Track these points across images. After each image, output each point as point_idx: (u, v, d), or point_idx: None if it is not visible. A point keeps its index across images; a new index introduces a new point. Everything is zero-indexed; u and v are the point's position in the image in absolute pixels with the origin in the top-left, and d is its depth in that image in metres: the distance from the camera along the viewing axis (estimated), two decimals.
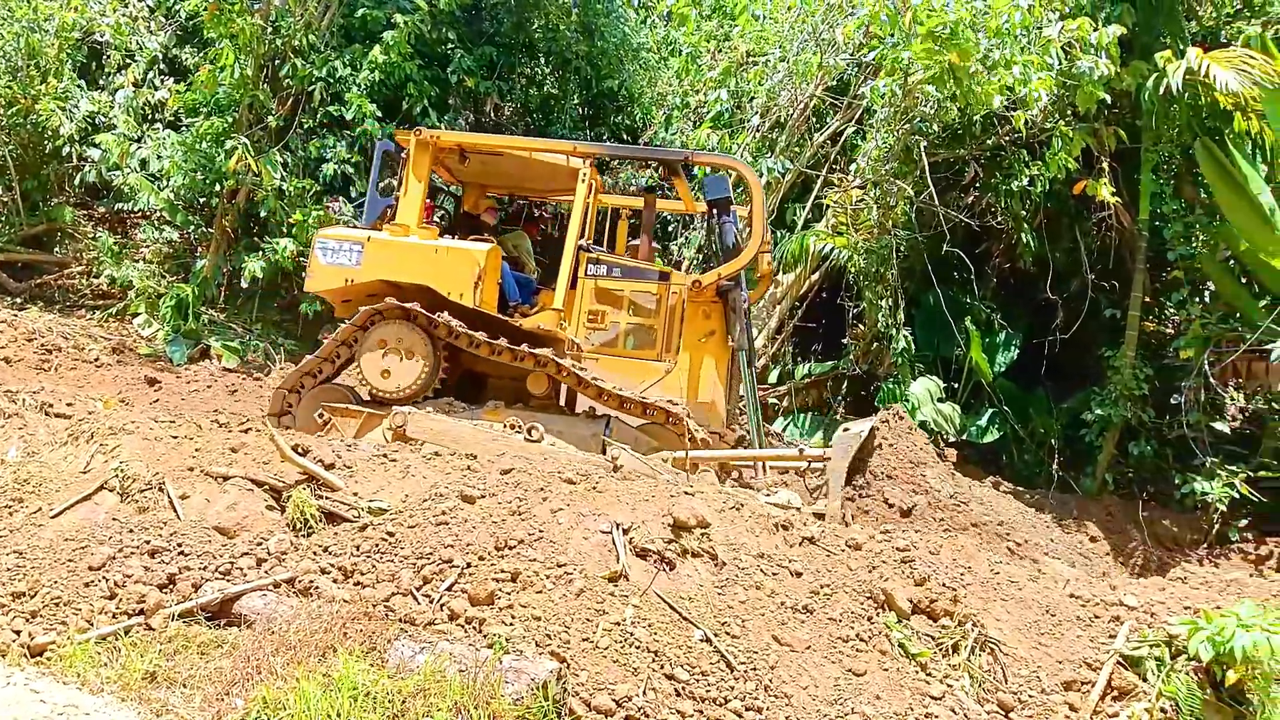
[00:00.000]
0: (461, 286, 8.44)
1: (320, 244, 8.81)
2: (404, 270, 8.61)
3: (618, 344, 8.90)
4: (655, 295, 8.89)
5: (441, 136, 9.10)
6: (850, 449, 7.64)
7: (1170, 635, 5.00)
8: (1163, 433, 11.63)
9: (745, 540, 5.61)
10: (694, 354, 8.89)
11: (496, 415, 8.20)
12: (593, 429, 8.25)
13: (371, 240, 8.73)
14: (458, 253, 8.63)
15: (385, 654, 4.48)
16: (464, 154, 9.42)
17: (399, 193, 8.98)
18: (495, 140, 9.85)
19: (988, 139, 11.37)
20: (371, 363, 8.38)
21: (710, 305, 8.98)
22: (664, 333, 8.85)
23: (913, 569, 5.47)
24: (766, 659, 4.83)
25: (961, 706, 4.74)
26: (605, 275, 8.96)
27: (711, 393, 8.88)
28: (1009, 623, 5.23)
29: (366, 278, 8.67)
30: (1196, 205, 11.63)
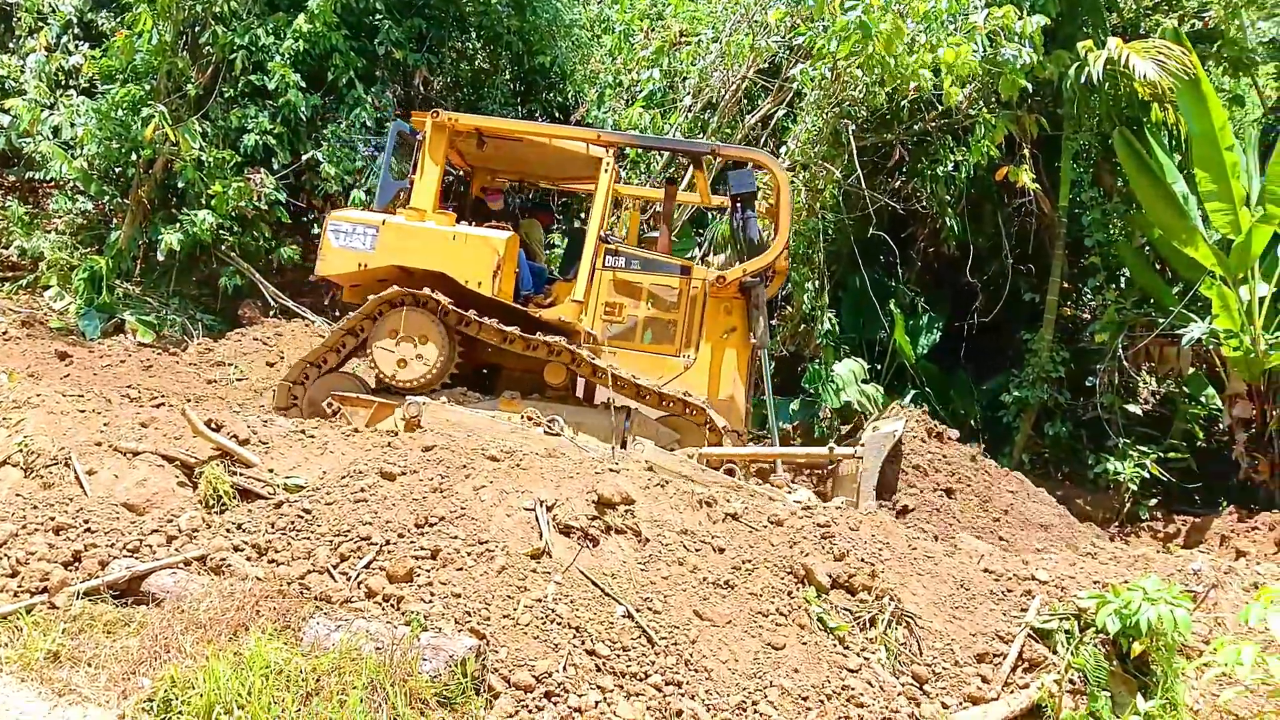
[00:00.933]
0: (480, 275, 8.24)
1: (333, 226, 8.53)
2: (420, 256, 8.36)
3: (635, 338, 8.73)
4: (676, 289, 8.72)
5: (460, 119, 8.84)
6: (884, 449, 7.67)
7: (1080, 609, 5.14)
8: (1078, 414, 11.96)
9: (669, 517, 5.62)
10: (715, 350, 8.71)
11: (513, 406, 8.07)
12: (613, 421, 8.15)
13: (386, 224, 8.47)
14: (477, 240, 8.40)
15: (300, 632, 4.40)
16: (482, 138, 9.15)
17: (413, 176, 8.72)
18: (515, 125, 9.57)
19: (914, 124, 11.52)
20: (384, 351, 8.13)
21: (732, 301, 8.77)
22: (684, 328, 8.71)
23: (833, 544, 5.53)
24: (688, 634, 4.85)
25: (878, 678, 4.82)
26: (624, 267, 8.77)
27: (731, 389, 8.70)
28: (925, 597, 5.32)
29: (380, 263, 8.41)
30: (1114, 193, 11.94)
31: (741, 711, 4.53)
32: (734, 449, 8.07)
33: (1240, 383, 10.77)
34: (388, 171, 9.02)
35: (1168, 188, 11.04)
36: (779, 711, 4.54)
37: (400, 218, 8.54)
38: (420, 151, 8.65)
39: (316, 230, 13.25)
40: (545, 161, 9.75)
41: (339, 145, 13.07)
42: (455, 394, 8.12)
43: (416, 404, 7.41)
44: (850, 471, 7.91)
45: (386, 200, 8.93)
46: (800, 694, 4.65)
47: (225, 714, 3.94)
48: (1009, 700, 4.74)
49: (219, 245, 12.89)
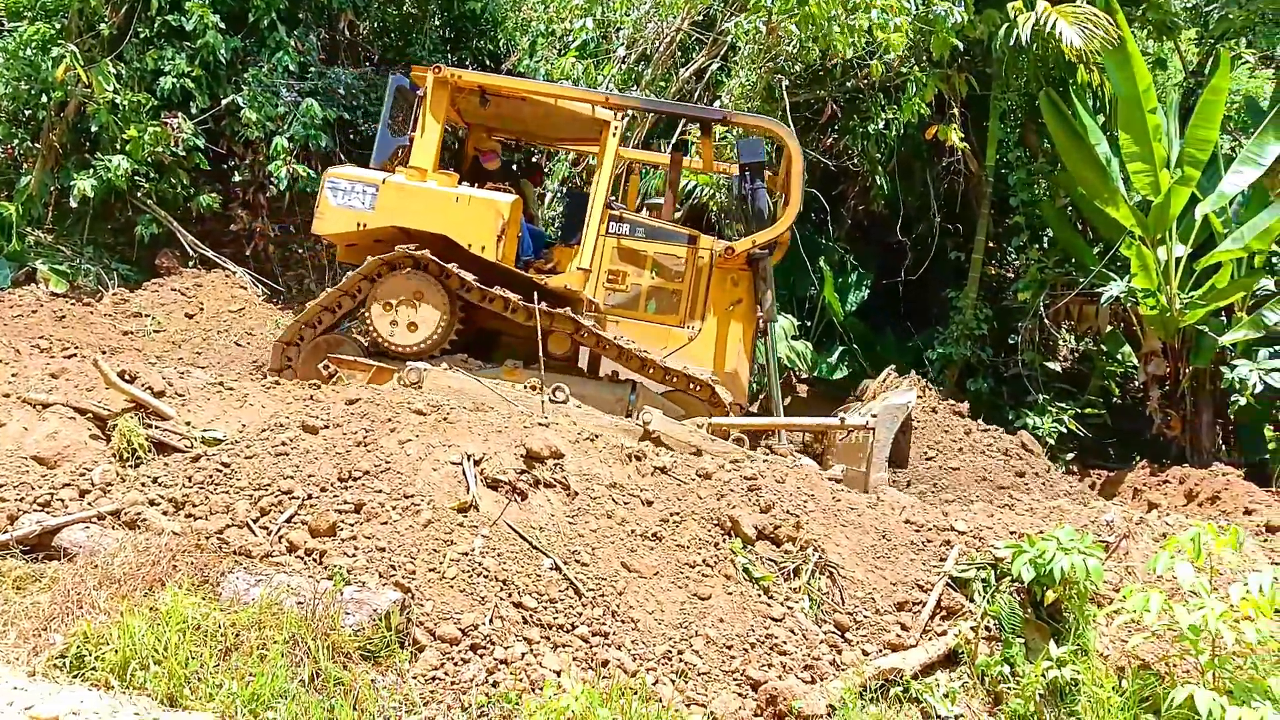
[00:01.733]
0: (484, 239, 8.01)
1: (330, 184, 8.25)
2: (421, 218, 8.12)
3: (638, 307, 8.56)
4: (681, 259, 8.55)
5: (464, 76, 8.58)
6: (896, 420, 7.67)
7: (996, 558, 5.28)
8: (1000, 371, 12.24)
9: (598, 470, 5.62)
10: (721, 322, 8.57)
11: (515, 375, 7.86)
12: (617, 394, 8.02)
13: (387, 183, 8.22)
14: (481, 203, 8.18)
15: (218, 587, 4.32)
16: (485, 96, 8.82)
17: (413, 133, 8.42)
18: (521, 84, 9.23)
19: (847, 81, 11.53)
20: (383, 314, 7.91)
21: (738, 273, 8.63)
22: (688, 298, 8.54)
23: (759, 497, 5.59)
24: (615, 585, 4.87)
25: (800, 627, 4.90)
26: (628, 234, 8.58)
27: (736, 363, 8.59)
28: (848, 547, 5.42)
29: (380, 223, 8.16)
30: (1039, 154, 12.14)
31: (667, 660, 4.57)
32: (743, 419, 8.02)
33: (1155, 341, 11.10)
34: (385, 128, 8.74)
35: (1091, 149, 11.24)
36: (704, 660, 4.60)
37: (400, 177, 8.29)
38: (420, 108, 8.38)
39: (237, 178, 12.88)
40: (547, 121, 9.46)
41: (261, 90, 12.63)
42: (456, 360, 7.91)
43: (417, 369, 7.25)
44: (855, 441, 7.90)
45: (384, 158, 8.67)
46: (725, 643, 4.71)
47: (140, 669, 3.86)
48: (927, 647, 4.87)
49: (135, 192, 12.40)
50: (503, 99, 8.90)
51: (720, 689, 4.48)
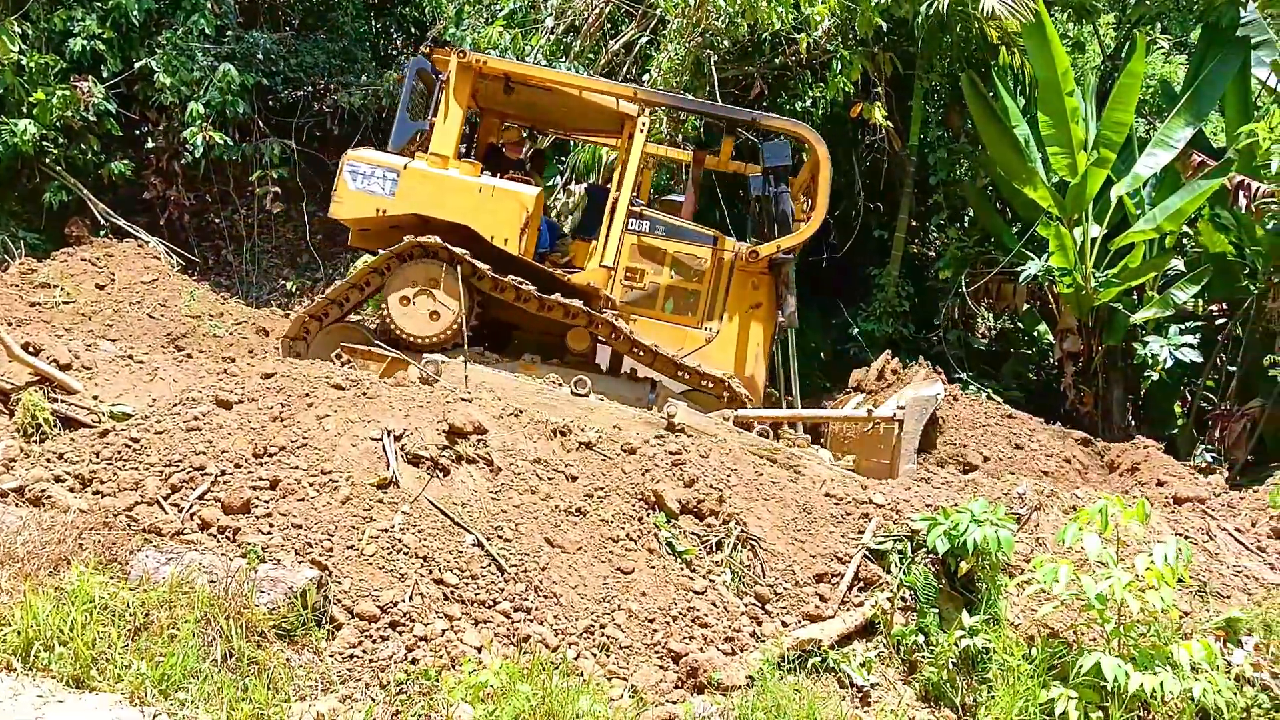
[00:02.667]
0: (507, 231, 7.86)
1: (350, 167, 8.03)
2: (444, 206, 7.93)
3: (656, 306, 8.42)
4: (703, 259, 8.43)
5: (489, 62, 8.36)
6: (926, 412, 7.62)
7: (913, 530, 5.38)
8: (921, 348, 12.45)
9: (523, 446, 5.58)
10: (740, 325, 8.47)
11: (532, 370, 7.76)
12: (637, 391, 7.96)
13: (409, 169, 8.01)
14: (505, 194, 7.99)
15: (127, 566, 4.21)
16: (509, 83, 8.63)
17: (434, 118, 8.20)
18: (549, 74, 8.92)
19: (775, 58, 11.55)
20: (400, 304, 7.73)
21: (759, 276, 8.53)
22: (707, 299, 8.44)
23: (683, 471, 5.62)
24: (538, 561, 4.86)
25: (722, 599, 4.95)
26: (648, 232, 8.42)
27: (754, 366, 8.50)
28: (769, 521, 5.48)
29: (400, 210, 7.95)
30: (960, 134, 12.33)
31: (589, 635, 4.59)
32: (769, 410, 7.95)
33: (1071, 318, 11.39)
34: (404, 111, 8.48)
35: (1011, 131, 11.45)
36: (626, 634, 4.62)
37: (422, 163, 8.09)
38: (443, 93, 8.17)
39: (151, 144, 12.45)
40: (566, 112, 9.24)
41: (175, 54, 12.19)
42: (472, 353, 7.79)
43: (435, 362, 7.09)
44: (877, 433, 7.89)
45: (403, 142, 8.44)
46: (647, 616, 4.74)
47: (45, 650, 3.75)
48: (845, 618, 4.95)
49: (43, 158, 11.89)
50: (527, 88, 8.71)
51: (642, 662, 4.51)
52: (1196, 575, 5.43)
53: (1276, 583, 5.61)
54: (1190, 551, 4.56)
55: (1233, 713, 4.50)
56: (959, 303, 12.10)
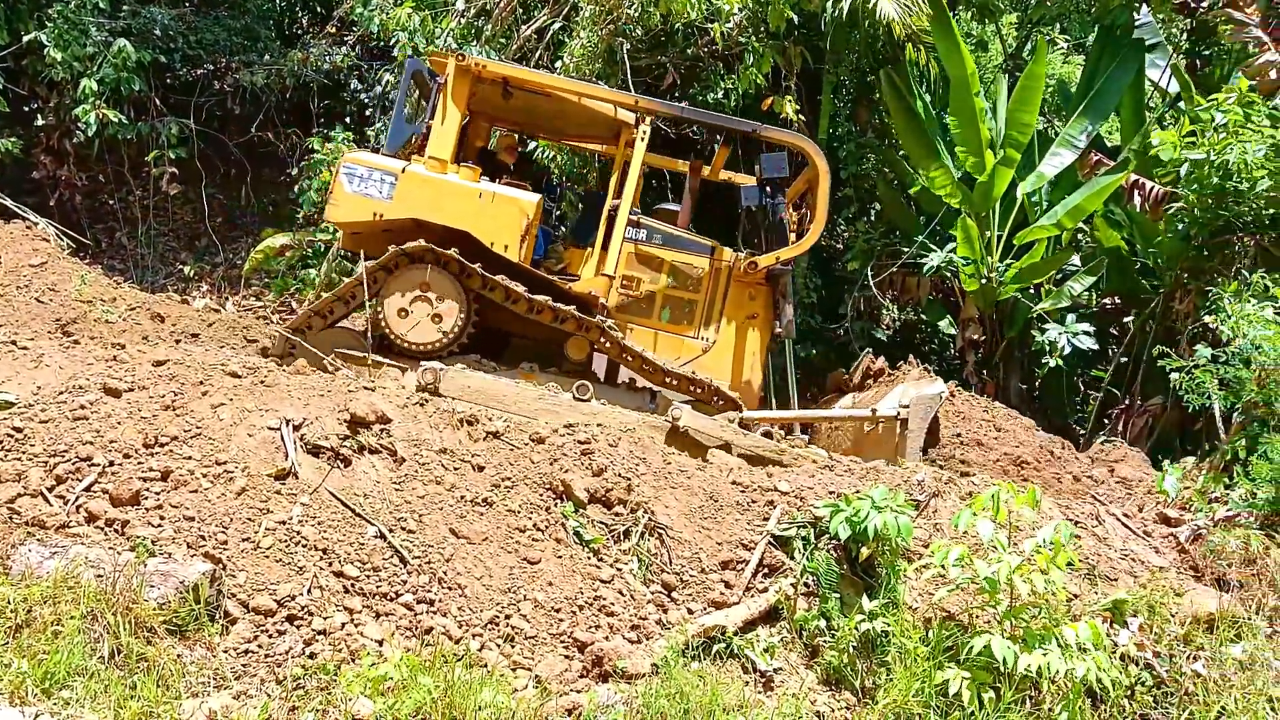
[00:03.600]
0: (508, 238, 7.79)
1: (346, 170, 7.87)
2: (443, 212, 7.82)
3: (652, 314, 8.40)
4: (699, 269, 8.43)
5: (488, 66, 8.24)
6: (930, 411, 7.61)
7: (816, 517, 5.46)
8: (829, 338, 12.66)
9: (428, 436, 5.50)
10: (737, 335, 8.49)
11: (532, 378, 7.70)
12: (637, 401, 7.91)
13: (407, 173, 7.87)
14: (506, 200, 7.92)
15: (8, 561, 4.03)
16: (508, 88, 8.47)
17: (431, 121, 8.06)
18: (547, 78, 8.78)
19: (688, 48, 11.57)
20: (397, 310, 7.63)
21: (756, 287, 8.55)
22: (704, 310, 8.43)
23: (592, 460, 5.60)
24: (442, 552, 4.80)
25: (629, 588, 4.96)
26: (645, 240, 8.36)
27: (750, 373, 8.52)
28: (677, 509, 5.51)
29: (398, 214, 7.81)
30: (868, 128, 12.54)
31: (494, 626, 4.55)
32: (776, 412, 7.94)
33: (973, 309, 11.71)
34: (400, 113, 8.41)
35: (923, 127, 11.71)
36: (531, 624, 4.59)
37: (421, 167, 7.96)
38: (440, 96, 8.05)
39: (41, 122, 11.92)
40: (560, 117, 9.16)
41: (67, 27, 11.68)
42: (469, 361, 7.68)
43: (434, 370, 6.92)
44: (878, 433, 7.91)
45: (398, 144, 8.36)
46: (553, 606, 4.72)
47: None
48: (749, 604, 5.00)
49: None
50: (525, 93, 8.59)
51: (547, 652, 4.49)
52: (1086, 559, 5.63)
53: (1161, 566, 5.85)
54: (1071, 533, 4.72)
55: (1118, 691, 4.70)
56: (865, 294, 12.33)
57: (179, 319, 9.63)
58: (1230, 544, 5.65)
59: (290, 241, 12.47)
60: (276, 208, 13.76)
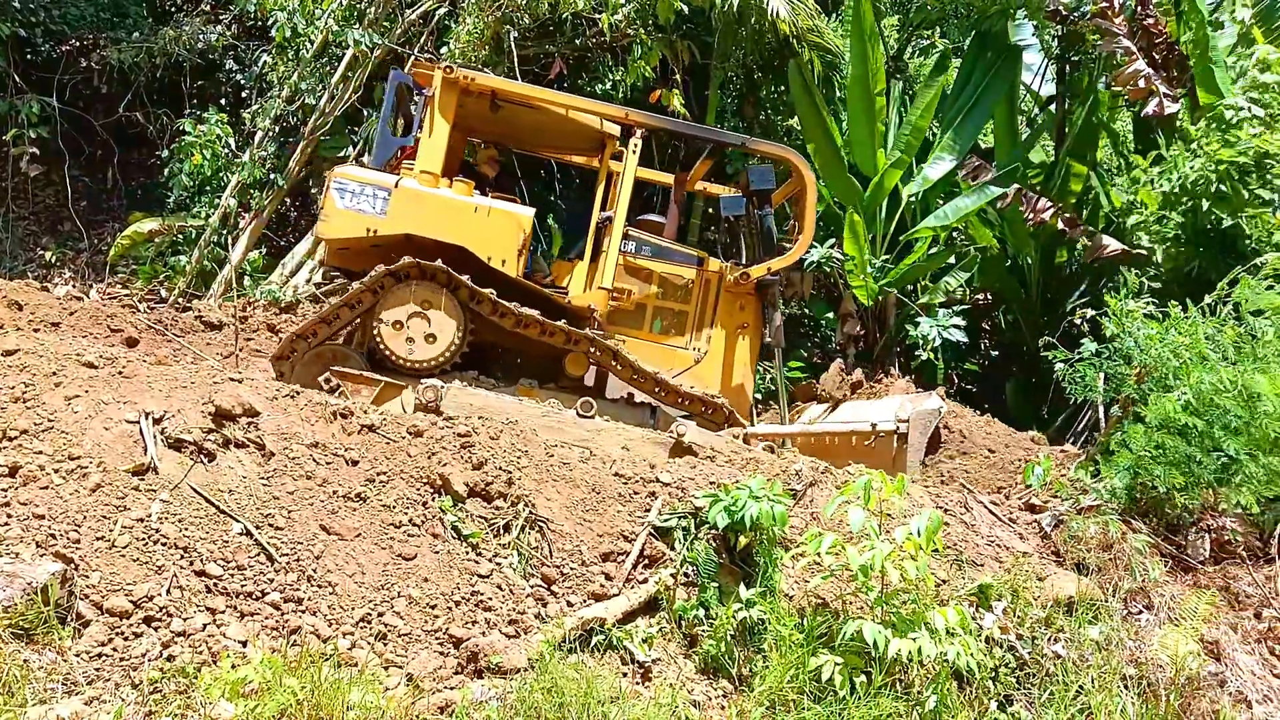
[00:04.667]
0: (505, 253, 7.75)
1: (338, 184, 7.71)
2: (438, 227, 7.73)
3: (644, 326, 8.45)
4: (689, 280, 8.53)
5: (476, 78, 8.16)
6: (930, 425, 7.58)
7: (696, 508, 5.50)
8: None
9: (299, 429, 5.33)
10: (728, 345, 8.57)
11: (531, 394, 7.63)
12: (638, 417, 7.88)
13: (400, 188, 7.75)
14: (503, 215, 7.88)
15: None
16: (496, 101, 8.36)
17: (419, 134, 7.97)
18: (538, 93, 8.61)
19: (576, 38, 11.53)
20: (394, 327, 7.52)
21: (746, 297, 8.63)
22: (695, 320, 8.51)
23: (472, 454, 5.52)
24: (312, 549, 4.66)
25: (508, 582, 4.90)
26: (634, 253, 8.38)
27: (742, 379, 8.59)
28: (559, 501, 5.47)
29: (392, 230, 7.68)
30: (755, 124, 12.70)
31: (366, 624, 4.44)
32: (779, 427, 7.95)
33: (851, 304, 12.00)
34: (385, 127, 8.27)
35: (823, 122, 11.92)
36: (405, 621, 4.49)
37: (414, 182, 7.84)
38: (428, 109, 7.97)
39: None
40: (547, 130, 9.04)
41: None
42: (467, 378, 7.59)
43: (435, 387, 6.67)
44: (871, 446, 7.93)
45: (385, 158, 8.22)
46: (429, 602, 4.63)
47: None
48: (629, 595, 5.01)
49: None
50: (512, 105, 8.50)
51: (421, 649, 4.40)
52: (954, 546, 5.81)
53: (1025, 551, 6.08)
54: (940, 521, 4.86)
55: (983, 673, 4.85)
56: None
57: (38, 307, 9.11)
58: (1089, 530, 5.90)
59: (159, 227, 11.94)
60: (145, 191, 13.16)
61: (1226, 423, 5.93)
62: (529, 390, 7.81)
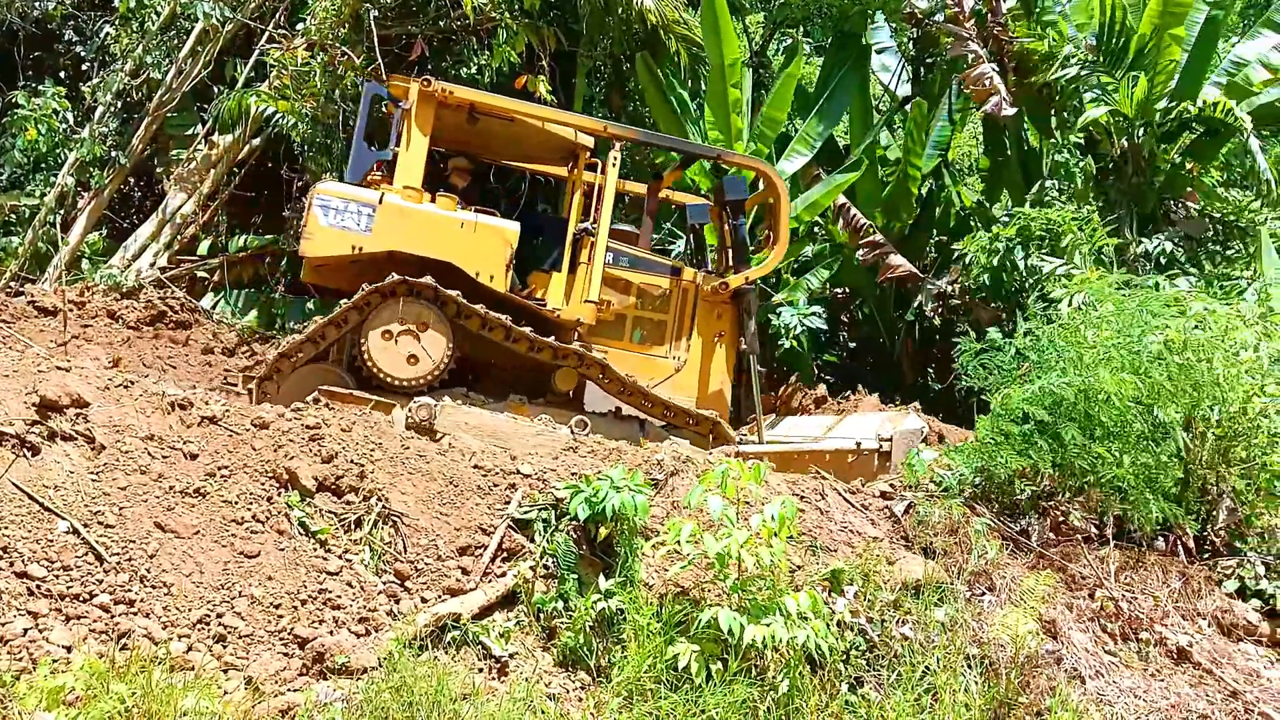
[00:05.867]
0: (492, 268, 7.76)
1: (321, 201, 7.58)
2: (425, 243, 7.69)
3: (624, 336, 8.53)
4: (666, 289, 8.62)
5: (454, 91, 8.12)
6: (913, 444, 7.47)
7: (557, 499, 5.44)
8: None
9: (133, 421, 5.04)
10: (705, 353, 8.68)
11: (521, 410, 7.58)
12: (627, 431, 7.85)
13: (385, 204, 7.65)
14: (489, 230, 7.85)
15: None
16: (473, 114, 8.31)
17: (396, 148, 7.91)
18: (515, 105, 8.55)
19: (440, 20, 11.26)
20: (381, 345, 7.43)
21: (723, 306, 8.74)
22: (673, 329, 8.59)
23: (321, 446, 5.32)
24: (146, 548, 4.41)
25: (359, 579, 4.75)
26: (612, 264, 8.36)
27: (720, 384, 8.68)
28: (414, 495, 5.33)
29: (377, 246, 7.61)
30: (621, 114, 12.69)
31: (204, 625, 4.22)
32: (769, 446, 8.05)
33: None
34: (361, 141, 8.18)
35: (678, 115, 11.98)
36: (247, 622, 4.29)
37: (397, 198, 7.75)
38: (405, 122, 7.90)
39: None
40: (521, 142, 9.04)
41: None
42: (456, 394, 7.49)
43: (428, 405, 6.48)
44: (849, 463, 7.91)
45: (361, 173, 8.10)
46: (273, 602, 4.44)
47: None
48: (486, 589, 4.91)
49: None
50: (489, 118, 8.45)
51: (264, 650, 4.21)
52: (809, 532, 5.92)
53: (876, 536, 6.25)
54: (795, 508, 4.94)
55: (834, 656, 4.95)
56: None
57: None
58: (935, 515, 6.10)
59: None
60: None
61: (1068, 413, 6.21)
62: (519, 406, 7.78)
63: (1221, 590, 5.90)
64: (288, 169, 11.84)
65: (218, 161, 11.69)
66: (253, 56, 11.55)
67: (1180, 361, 6.03)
